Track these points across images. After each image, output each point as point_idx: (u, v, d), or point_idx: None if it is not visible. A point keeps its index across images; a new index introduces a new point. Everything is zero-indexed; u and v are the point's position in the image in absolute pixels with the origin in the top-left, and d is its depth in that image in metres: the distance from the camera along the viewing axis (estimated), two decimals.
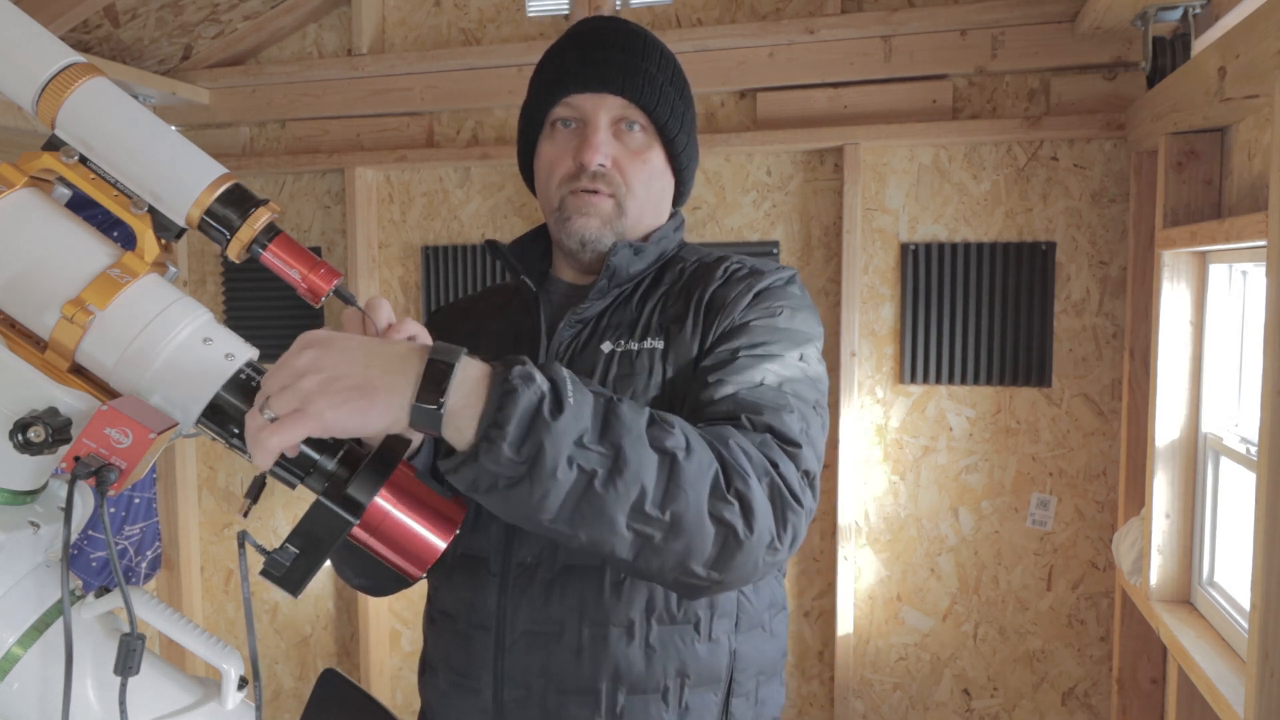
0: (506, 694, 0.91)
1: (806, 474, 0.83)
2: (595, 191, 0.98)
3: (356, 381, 0.62)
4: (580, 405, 0.68)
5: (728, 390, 0.85)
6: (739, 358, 0.89)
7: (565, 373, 0.70)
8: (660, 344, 0.95)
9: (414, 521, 0.74)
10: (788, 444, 0.82)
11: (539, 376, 0.67)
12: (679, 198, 1.09)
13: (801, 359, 0.91)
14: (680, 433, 0.73)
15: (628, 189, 0.98)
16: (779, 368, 0.89)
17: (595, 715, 0.90)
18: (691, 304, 0.96)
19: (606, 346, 0.96)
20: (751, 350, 0.89)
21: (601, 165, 0.96)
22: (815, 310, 0.99)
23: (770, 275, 0.98)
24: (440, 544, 0.75)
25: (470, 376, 0.65)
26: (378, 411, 0.62)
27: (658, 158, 1.00)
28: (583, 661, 0.90)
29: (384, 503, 0.72)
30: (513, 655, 0.91)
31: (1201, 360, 1.81)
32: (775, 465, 0.79)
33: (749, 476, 0.76)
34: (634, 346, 0.95)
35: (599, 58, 0.97)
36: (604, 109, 0.97)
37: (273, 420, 0.60)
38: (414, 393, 0.63)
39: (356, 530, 0.72)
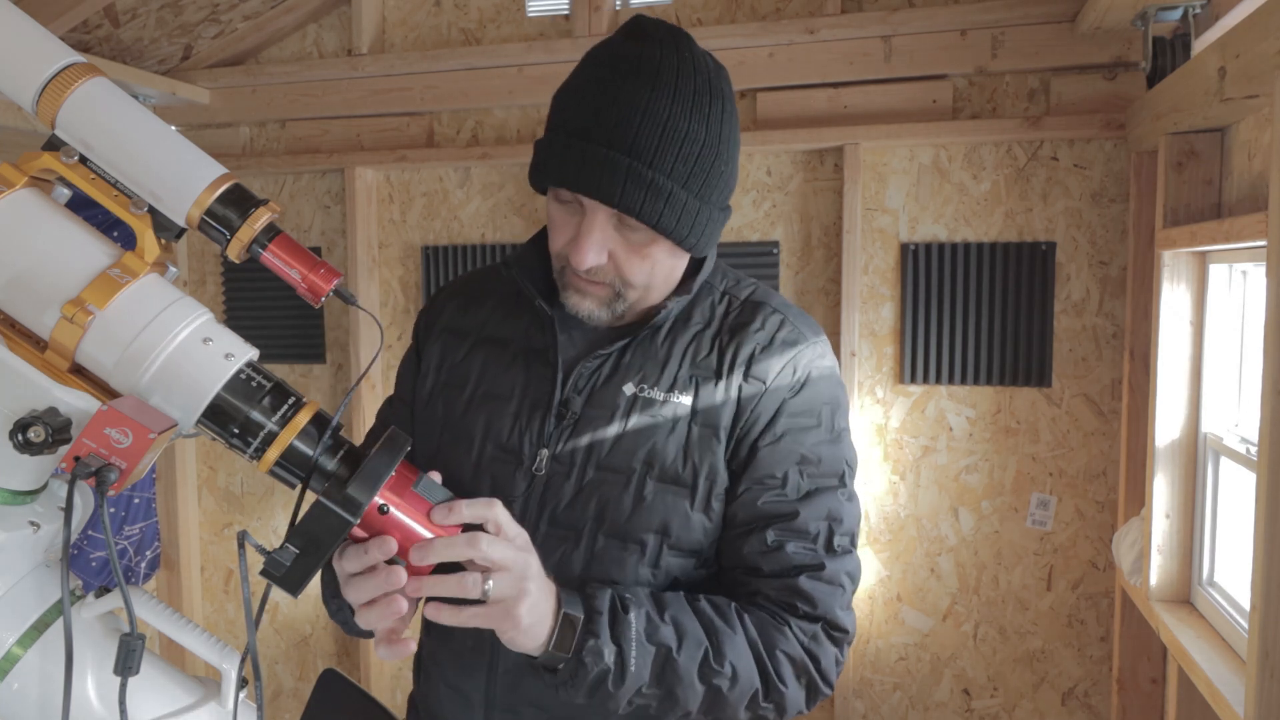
0: (498, 716, 0.94)
1: (842, 650, 0.92)
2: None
3: (525, 624, 0.78)
4: (641, 667, 0.82)
5: (787, 561, 0.90)
6: (796, 509, 0.90)
7: (634, 631, 0.82)
8: (688, 400, 0.92)
9: (415, 522, 0.74)
10: (836, 631, 0.91)
11: (607, 652, 0.80)
12: (701, 250, 0.95)
13: (843, 482, 0.95)
14: (729, 663, 0.84)
15: (624, 282, 0.90)
16: (831, 505, 0.92)
17: None
18: (726, 359, 0.93)
19: (629, 389, 0.92)
20: (801, 478, 0.91)
21: (591, 269, 0.88)
22: (844, 384, 0.98)
23: (813, 350, 0.95)
24: None
25: (566, 632, 0.81)
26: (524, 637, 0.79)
27: (661, 250, 0.89)
28: None
29: (384, 503, 0.72)
30: (505, 682, 0.93)
31: (1201, 360, 1.80)
32: (817, 661, 0.89)
33: (786, 687, 0.87)
34: (658, 395, 0.92)
35: (601, 158, 0.83)
36: (601, 207, 0.86)
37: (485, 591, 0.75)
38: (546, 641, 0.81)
39: (356, 530, 0.72)
